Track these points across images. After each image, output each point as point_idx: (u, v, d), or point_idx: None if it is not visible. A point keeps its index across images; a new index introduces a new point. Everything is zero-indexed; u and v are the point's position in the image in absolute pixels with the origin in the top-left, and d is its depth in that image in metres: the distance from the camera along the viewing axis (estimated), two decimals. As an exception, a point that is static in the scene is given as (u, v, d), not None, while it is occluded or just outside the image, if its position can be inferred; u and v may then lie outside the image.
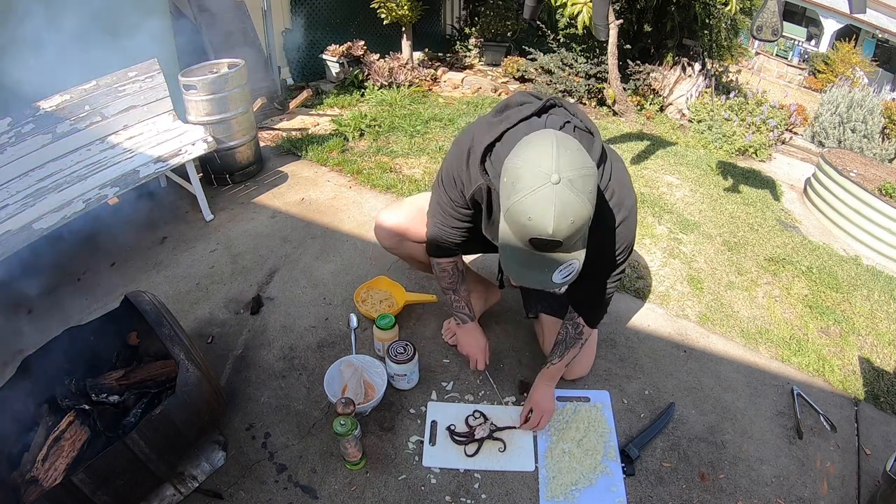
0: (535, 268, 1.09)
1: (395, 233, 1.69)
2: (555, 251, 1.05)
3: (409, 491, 1.44)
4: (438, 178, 1.44)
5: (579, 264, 1.10)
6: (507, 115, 1.24)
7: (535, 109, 1.20)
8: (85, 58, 2.46)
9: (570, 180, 0.97)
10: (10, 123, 2.06)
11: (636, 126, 4.25)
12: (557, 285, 1.13)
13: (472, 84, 4.90)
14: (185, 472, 1.41)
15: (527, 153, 1.02)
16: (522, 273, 1.13)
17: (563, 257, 1.07)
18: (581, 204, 0.98)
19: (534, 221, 0.98)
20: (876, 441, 1.72)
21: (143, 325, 1.50)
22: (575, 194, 0.97)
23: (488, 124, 1.25)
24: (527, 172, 0.99)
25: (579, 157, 1.01)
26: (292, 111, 3.92)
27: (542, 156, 0.99)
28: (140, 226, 2.49)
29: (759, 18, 2.39)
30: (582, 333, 1.51)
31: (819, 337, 2.16)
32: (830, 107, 4.62)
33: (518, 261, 1.10)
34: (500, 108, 1.28)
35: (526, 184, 0.98)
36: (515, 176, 1.00)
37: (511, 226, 1.05)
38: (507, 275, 1.13)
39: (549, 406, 1.61)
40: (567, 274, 1.10)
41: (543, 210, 0.97)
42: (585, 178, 0.99)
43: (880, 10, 10.01)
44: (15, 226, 1.91)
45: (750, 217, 3.00)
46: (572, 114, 1.22)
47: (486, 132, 1.23)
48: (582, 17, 3.79)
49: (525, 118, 1.20)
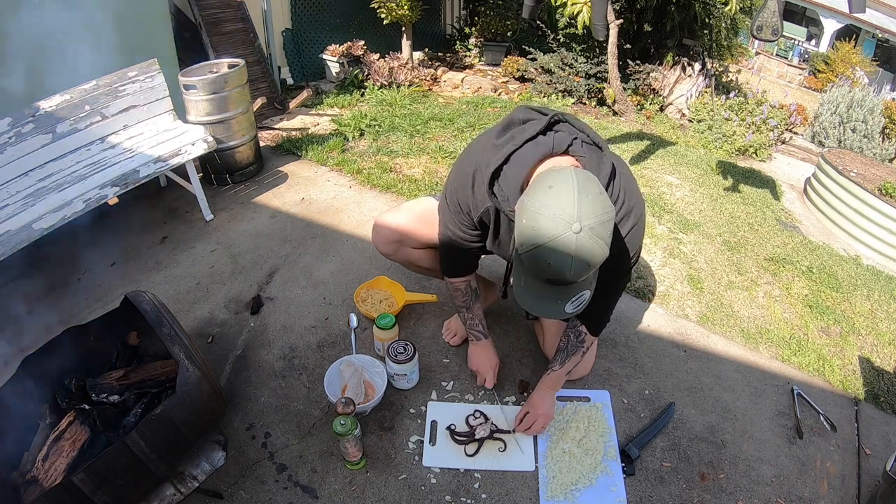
0: (549, 300, 1.11)
1: (393, 239, 1.66)
2: (569, 285, 1.07)
3: (409, 491, 1.44)
4: (444, 201, 1.44)
5: (590, 294, 1.12)
6: (510, 135, 1.21)
7: (541, 128, 1.18)
8: (85, 57, 2.46)
9: (590, 228, 0.97)
10: (10, 123, 2.06)
11: (636, 126, 4.25)
12: (569, 314, 1.15)
13: (472, 84, 4.90)
14: (185, 471, 1.41)
15: (547, 198, 1.00)
16: (536, 305, 1.14)
17: (576, 290, 1.09)
18: (600, 249, 1.00)
19: (553, 267, 1.00)
20: (876, 441, 1.72)
21: (143, 325, 1.50)
22: (594, 241, 0.98)
23: (493, 147, 1.22)
24: (548, 220, 0.98)
25: (600, 201, 1.00)
26: (292, 111, 3.92)
27: (563, 202, 0.98)
28: (140, 226, 2.50)
29: (759, 18, 2.39)
30: (584, 342, 1.50)
31: (819, 337, 2.16)
32: (830, 106, 4.61)
33: (533, 295, 1.12)
34: (502, 128, 1.25)
35: (546, 231, 0.98)
36: (535, 221, 1.00)
37: (529, 265, 1.06)
38: (520, 305, 1.15)
39: (546, 411, 1.57)
40: (578, 304, 1.12)
41: (563, 257, 0.98)
42: (605, 224, 1.00)
43: (880, 9, 10.01)
44: (15, 226, 1.91)
45: (750, 217, 3.00)
46: (578, 129, 1.20)
47: (492, 155, 1.20)
48: (582, 16, 3.79)
49: (531, 138, 1.17)
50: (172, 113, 2.63)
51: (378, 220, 1.70)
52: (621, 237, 1.26)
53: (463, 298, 1.65)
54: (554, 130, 1.19)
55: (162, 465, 1.29)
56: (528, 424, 1.56)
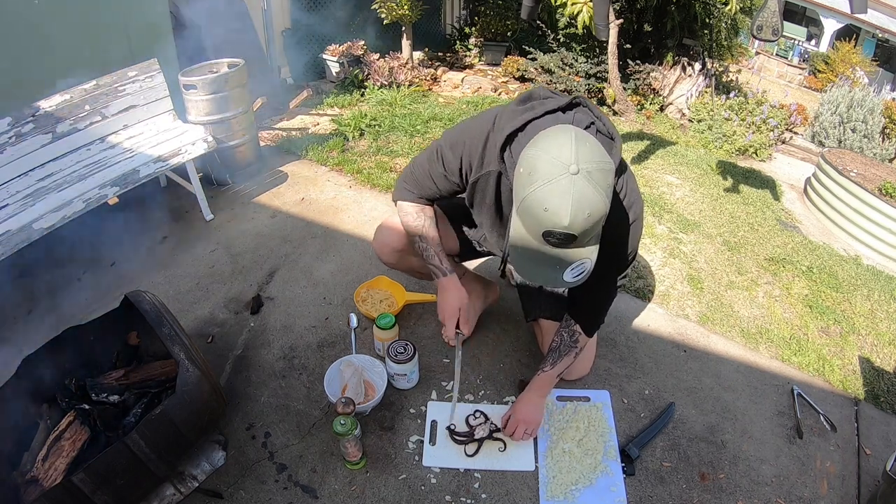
0: (547, 265, 1.07)
1: (397, 249, 1.63)
2: (568, 246, 1.02)
3: (409, 491, 1.44)
4: (438, 149, 1.35)
5: (591, 263, 1.07)
6: (531, 105, 1.20)
7: (562, 105, 1.18)
8: (84, 57, 2.46)
9: (588, 172, 0.95)
10: (10, 123, 2.06)
11: (636, 126, 4.25)
12: (569, 284, 1.10)
13: (472, 84, 4.90)
14: (185, 471, 1.41)
15: (545, 143, 1.00)
16: (534, 271, 1.10)
17: (576, 254, 1.05)
18: (598, 197, 0.97)
19: (549, 212, 0.96)
20: (876, 441, 1.72)
21: (143, 325, 1.50)
22: (593, 186, 0.96)
23: (512, 112, 1.21)
24: (544, 163, 0.97)
25: (598, 151, 1.00)
26: (292, 111, 3.92)
27: (561, 147, 0.97)
28: (140, 226, 2.49)
29: (759, 18, 2.39)
30: (577, 342, 1.48)
31: (819, 337, 2.16)
32: (830, 106, 4.61)
33: (530, 257, 1.07)
34: (523, 98, 1.24)
35: (543, 173, 0.96)
36: (532, 166, 0.98)
37: (525, 219, 1.02)
38: (516, 273, 1.11)
39: (529, 417, 1.52)
40: (579, 273, 1.07)
41: (560, 200, 0.95)
42: (604, 172, 0.98)
43: (880, 10, 10.00)
44: (15, 225, 1.91)
45: (750, 217, 3.00)
46: (596, 116, 1.20)
47: (510, 120, 1.19)
48: (582, 16, 3.79)
49: (551, 111, 1.17)
50: (172, 113, 2.63)
51: (380, 231, 1.66)
52: (622, 232, 1.25)
53: (414, 223, 1.44)
54: (574, 111, 1.19)
55: (162, 465, 1.29)
56: (512, 430, 1.53)
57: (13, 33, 2.32)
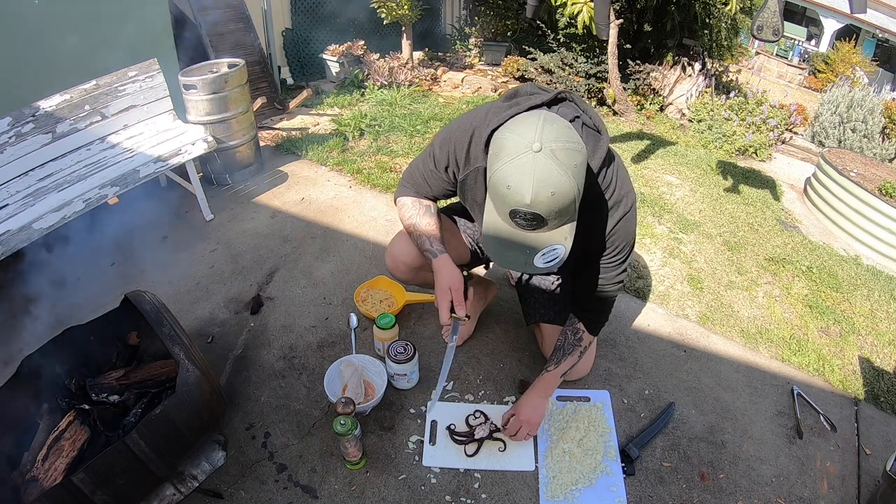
0: (517, 249, 1.07)
1: (413, 268, 1.60)
2: (536, 230, 1.02)
3: (409, 491, 1.44)
4: (430, 148, 1.38)
5: (564, 251, 1.07)
6: (517, 101, 1.21)
7: (547, 100, 1.19)
8: (84, 57, 2.46)
9: (552, 150, 0.96)
10: (10, 123, 2.06)
11: (636, 126, 4.25)
12: (540, 270, 1.10)
13: (472, 84, 4.90)
14: (185, 471, 1.41)
15: (514, 125, 1.01)
16: (504, 254, 1.10)
17: (547, 239, 1.05)
18: (563, 175, 0.96)
19: (512, 190, 0.96)
20: (876, 441, 1.72)
21: (143, 325, 1.50)
22: (556, 164, 0.95)
23: (497, 109, 1.22)
24: (509, 141, 0.98)
25: (566, 132, 1.00)
26: (292, 111, 3.92)
27: (527, 128, 0.98)
28: (140, 226, 2.49)
29: (759, 18, 2.39)
30: (581, 340, 1.48)
31: (819, 337, 2.16)
32: (830, 106, 4.61)
33: (499, 241, 1.07)
34: (509, 95, 1.26)
35: (507, 151, 0.97)
36: (500, 146, 1.00)
37: (493, 199, 1.03)
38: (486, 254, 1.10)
39: (531, 418, 1.52)
40: (551, 259, 1.07)
41: (522, 177, 0.95)
42: (570, 152, 0.97)
43: (880, 10, 10.00)
44: (15, 225, 1.91)
45: (750, 217, 3.00)
46: (582, 110, 1.20)
47: (494, 116, 1.19)
48: (582, 16, 3.79)
49: (535, 106, 1.17)
50: (172, 113, 2.63)
51: (393, 251, 1.61)
52: (614, 224, 1.25)
53: (409, 213, 1.46)
54: (559, 106, 1.20)
55: (162, 464, 1.29)
56: (513, 431, 1.53)
57: (13, 33, 2.33)
